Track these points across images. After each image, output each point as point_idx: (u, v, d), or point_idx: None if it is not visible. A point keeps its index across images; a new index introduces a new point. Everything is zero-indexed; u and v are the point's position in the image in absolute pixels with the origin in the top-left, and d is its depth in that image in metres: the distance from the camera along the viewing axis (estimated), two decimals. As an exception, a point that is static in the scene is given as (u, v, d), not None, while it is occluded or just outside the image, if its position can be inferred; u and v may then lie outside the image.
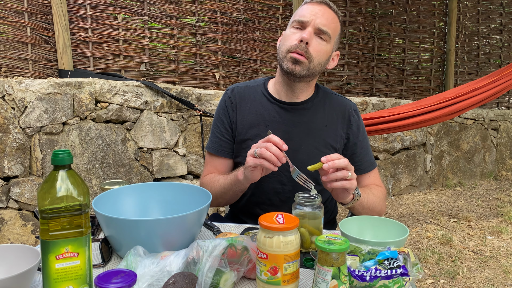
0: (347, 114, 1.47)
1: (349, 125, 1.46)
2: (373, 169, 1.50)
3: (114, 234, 1.00)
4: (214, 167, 1.49)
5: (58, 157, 0.75)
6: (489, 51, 5.35)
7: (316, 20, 1.32)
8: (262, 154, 1.13)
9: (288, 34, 1.37)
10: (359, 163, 1.46)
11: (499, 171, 5.37)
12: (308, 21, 1.32)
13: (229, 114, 1.47)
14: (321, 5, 1.36)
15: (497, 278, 2.66)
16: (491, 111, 5.17)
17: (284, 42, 1.37)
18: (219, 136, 1.48)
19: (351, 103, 1.51)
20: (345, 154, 1.46)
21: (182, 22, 3.39)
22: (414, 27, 4.76)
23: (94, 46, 3.06)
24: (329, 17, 1.35)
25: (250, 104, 1.46)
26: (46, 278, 0.75)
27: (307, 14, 1.33)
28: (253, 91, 1.49)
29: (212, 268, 0.84)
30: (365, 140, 1.50)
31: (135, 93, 2.92)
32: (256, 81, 1.53)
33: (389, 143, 4.31)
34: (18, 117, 2.52)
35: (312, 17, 1.32)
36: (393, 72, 4.70)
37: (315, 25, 1.32)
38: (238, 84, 1.52)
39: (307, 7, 1.35)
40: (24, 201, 2.56)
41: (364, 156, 1.48)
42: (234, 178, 1.30)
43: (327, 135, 1.44)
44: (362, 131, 1.49)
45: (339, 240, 0.87)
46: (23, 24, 2.75)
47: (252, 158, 1.16)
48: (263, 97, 1.46)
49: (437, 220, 3.73)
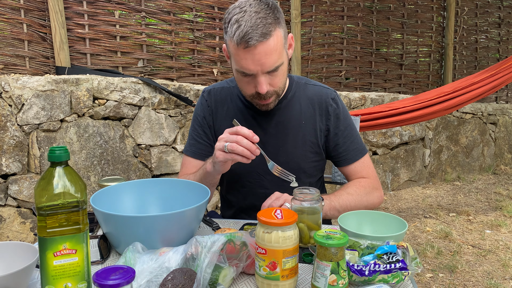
0: (325, 104, 1.40)
1: (327, 116, 1.40)
2: (361, 157, 1.43)
3: (113, 230, 0.99)
4: (188, 169, 1.45)
5: (55, 153, 0.74)
6: (487, 45, 5.35)
7: (263, 67, 1.18)
8: (233, 150, 1.09)
9: (239, 79, 1.25)
10: (344, 153, 1.41)
11: (498, 165, 5.38)
12: (255, 74, 1.19)
13: (205, 117, 1.44)
14: (259, 45, 1.14)
15: (496, 272, 2.66)
16: (489, 105, 5.17)
17: (241, 88, 1.29)
18: (197, 138, 1.45)
19: (328, 92, 1.43)
20: (327, 146, 1.42)
21: (180, 18, 3.38)
22: (412, 21, 4.75)
23: (91, 43, 3.05)
24: (272, 49, 1.16)
25: (226, 108, 1.42)
26: (44, 275, 0.75)
27: (250, 67, 1.17)
28: (230, 92, 1.44)
29: (211, 264, 0.84)
30: (348, 128, 1.42)
31: (133, 89, 2.91)
32: (233, 79, 1.46)
33: (387, 138, 4.31)
34: (16, 115, 2.51)
35: (257, 68, 1.18)
36: (391, 67, 4.69)
37: (263, 71, 1.19)
38: (215, 85, 1.48)
39: (245, 56, 1.16)
40: (22, 199, 2.56)
41: (349, 144, 1.41)
42: (203, 172, 1.28)
43: (305, 131, 1.39)
44: (343, 119, 1.41)
45: (338, 235, 0.87)
46: (19, 21, 2.73)
47: (222, 153, 1.13)
48: (238, 101, 1.42)
49: (436, 215, 3.74)
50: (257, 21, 1.13)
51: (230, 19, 1.17)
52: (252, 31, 1.12)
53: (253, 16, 1.13)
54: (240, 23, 1.13)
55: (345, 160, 1.42)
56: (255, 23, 1.13)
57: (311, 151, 1.41)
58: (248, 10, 1.14)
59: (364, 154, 1.44)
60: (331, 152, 1.44)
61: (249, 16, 1.13)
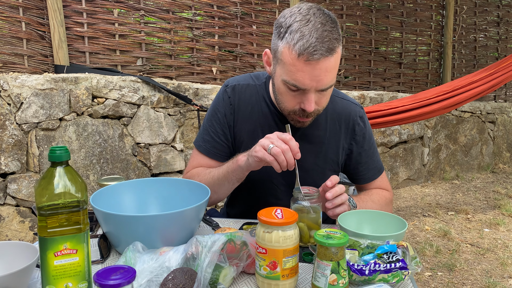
0: (352, 123, 1.34)
1: (353, 135, 1.35)
2: (379, 176, 1.40)
3: (113, 230, 0.99)
4: (199, 164, 1.37)
5: (55, 153, 0.74)
6: (486, 44, 5.35)
7: (318, 84, 1.10)
8: (276, 155, 1.05)
9: (284, 92, 1.15)
10: (364, 172, 1.38)
11: (496, 163, 5.39)
12: (308, 89, 1.11)
13: (226, 116, 1.34)
14: (322, 60, 1.06)
15: (495, 270, 2.67)
16: (488, 104, 5.18)
17: (283, 101, 1.18)
18: (214, 136, 1.35)
19: (356, 109, 1.36)
20: (348, 164, 1.39)
21: (179, 16, 3.37)
22: (411, 20, 4.75)
23: (90, 41, 3.04)
24: (333, 67, 1.09)
25: (250, 109, 1.33)
26: (45, 275, 0.75)
27: (306, 81, 1.08)
28: (255, 92, 1.34)
29: (211, 263, 0.84)
30: (371, 148, 1.39)
31: (132, 88, 2.91)
32: (259, 76, 1.38)
33: (386, 137, 4.31)
34: (14, 113, 2.50)
35: (313, 84, 1.09)
36: (390, 66, 4.70)
37: (317, 88, 1.11)
38: (239, 80, 1.37)
39: (304, 69, 1.07)
40: (21, 198, 2.55)
41: (370, 163, 1.39)
42: (233, 165, 1.20)
43: (328, 149, 1.34)
44: (368, 139, 1.37)
45: (338, 234, 0.87)
46: (18, 19, 2.72)
47: (264, 151, 1.07)
48: (263, 103, 1.33)
49: (435, 213, 3.75)
50: (323, 33, 1.05)
51: (289, 25, 1.07)
52: (318, 44, 1.04)
53: (319, 27, 1.05)
54: (304, 32, 1.04)
55: (364, 179, 1.40)
56: (321, 35, 1.04)
57: (330, 169, 1.37)
58: (312, 20, 1.06)
59: (382, 172, 1.42)
60: (351, 170, 1.41)
61: (315, 27, 1.05)
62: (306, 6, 1.10)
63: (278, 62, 1.14)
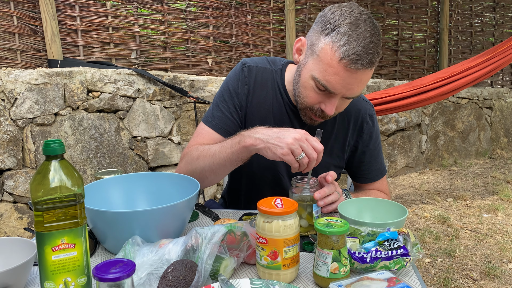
0: (360, 120, 1.33)
1: (360, 133, 1.34)
2: (381, 178, 1.39)
3: (101, 226, 0.97)
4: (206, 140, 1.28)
5: (50, 147, 0.73)
6: (482, 29, 5.33)
7: (347, 92, 1.09)
8: (303, 164, 1.02)
9: (309, 87, 1.12)
10: (366, 172, 1.38)
11: (494, 149, 5.40)
12: (336, 94, 1.10)
13: (239, 94, 1.29)
14: (361, 71, 1.05)
15: (494, 255, 2.69)
16: (485, 90, 5.17)
17: (304, 95, 1.15)
18: (225, 112, 1.29)
19: (367, 106, 1.34)
20: (351, 161, 1.38)
21: (172, 7, 3.33)
22: (407, 7, 4.72)
23: (83, 35, 3.01)
24: (367, 80, 1.09)
25: (265, 93, 1.29)
26: (43, 270, 0.74)
27: (337, 86, 1.07)
28: (271, 77, 1.31)
29: (212, 255, 0.83)
30: (376, 148, 1.37)
31: (127, 81, 2.88)
32: (275, 61, 1.34)
33: (384, 125, 4.31)
34: (9, 109, 2.48)
35: (343, 91, 1.08)
36: (386, 53, 4.67)
37: (345, 96, 1.10)
38: (257, 62, 1.32)
39: (341, 74, 1.05)
40: (18, 194, 2.54)
41: (373, 164, 1.38)
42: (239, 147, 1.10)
43: (335, 143, 1.33)
44: (374, 139, 1.36)
45: (338, 222, 0.86)
46: (9, 13, 2.68)
47: (293, 158, 1.01)
48: (278, 91, 1.30)
49: (434, 200, 3.76)
50: (370, 44, 1.03)
51: (338, 25, 1.04)
52: (363, 54, 1.02)
53: (367, 37, 1.03)
54: (352, 38, 1.02)
55: (365, 179, 1.39)
56: (368, 46, 1.03)
57: (335, 164, 1.36)
58: (362, 27, 1.03)
59: (383, 175, 1.41)
60: (353, 167, 1.41)
61: (363, 35, 1.03)
62: (358, 10, 1.07)
63: (313, 55, 1.10)
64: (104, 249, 1.04)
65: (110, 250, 1.02)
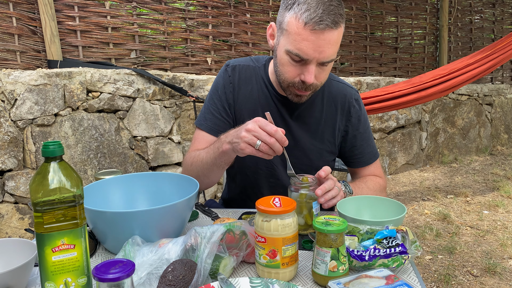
0: (347, 105, 1.37)
1: (348, 117, 1.37)
2: (374, 161, 1.42)
3: (102, 227, 0.98)
4: (202, 143, 1.35)
5: (48, 148, 0.73)
6: (482, 26, 5.32)
7: (320, 56, 1.12)
8: (264, 151, 1.03)
9: (286, 63, 1.17)
10: (359, 155, 1.40)
11: (494, 146, 5.40)
12: (310, 59, 1.13)
13: (226, 93, 1.35)
14: (327, 31, 1.09)
15: (494, 251, 2.69)
16: (485, 86, 5.17)
17: (283, 72, 1.19)
18: (214, 113, 1.35)
19: (352, 92, 1.39)
20: (343, 147, 1.41)
21: (171, 6, 3.33)
22: (406, 3, 4.71)
23: (83, 35, 3.01)
24: (335, 41, 1.13)
25: (250, 89, 1.36)
26: (43, 271, 0.74)
27: (309, 51, 1.11)
28: (255, 73, 1.37)
29: (211, 254, 0.83)
30: (366, 131, 1.41)
31: (127, 81, 2.89)
32: (259, 59, 1.41)
33: (384, 122, 4.31)
34: (9, 110, 2.49)
35: (315, 55, 1.11)
36: (386, 51, 4.67)
37: (319, 60, 1.13)
38: (240, 61, 1.40)
39: (309, 38, 1.09)
40: (19, 195, 2.55)
41: (366, 148, 1.40)
42: (219, 152, 1.16)
43: (324, 129, 1.36)
44: (363, 122, 1.40)
45: (337, 221, 0.86)
46: (8, 14, 2.69)
47: (251, 148, 1.04)
48: (262, 84, 1.36)
49: (434, 197, 3.76)
50: (330, 7, 1.09)
51: None
52: (325, 15, 1.08)
53: (326, 2, 1.09)
54: (312, 3, 1.09)
55: (358, 163, 1.41)
56: (328, 8, 1.09)
57: (327, 150, 1.39)
58: None
59: (377, 158, 1.44)
60: (346, 153, 1.43)
61: (322, 1, 1.09)
62: None
63: (283, 32, 1.16)
64: (105, 249, 1.04)
65: (110, 250, 1.02)
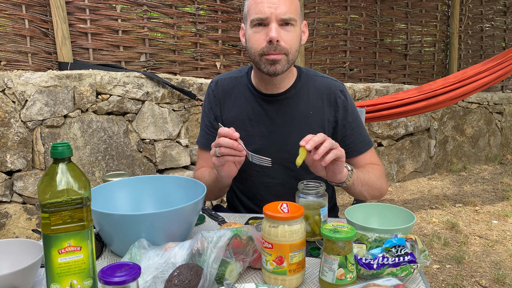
0: (333, 96, 1.40)
1: (335, 107, 1.39)
2: (368, 149, 1.43)
3: (108, 229, 0.98)
4: (204, 161, 1.47)
5: (57, 150, 0.73)
6: (493, 34, 5.28)
7: (276, 12, 1.20)
8: (222, 153, 1.11)
9: (252, 35, 1.26)
10: (351, 144, 1.40)
11: (504, 155, 5.34)
12: (268, 17, 1.21)
13: (212, 108, 1.44)
14: None
15: (504, 262, 2.65)
16: (495, 95, 5.12)
17: (252, 45, 1.27)
18: (206, 130, 1.46)
19: (336, 84, 1.43)
20: (335, 138, 1.40)
21: (181, 11, 3.35)
22: (416, 11, 4.69)
23: (94, 38, 3.03)
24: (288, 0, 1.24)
25: (234, 98, 1.41)
26: (50, 272, 0.74)
27: (264, 9, 1.20)
28: (238, 82, 1.43)
29: (217, 259, 0.83)
30: (356, 120, 1.42)
31: (136, 84, 2.90)
32: (242, 69, 1.48)
33: (392, 129, 4.28)
34: (19, 111, 2.51)
35: (271, 11, 1.20)
36: (395, 57, 4.65)
37: (277, 17, 1.21)
38: (222, 75, 1.48)
39: None
40: (28, 195, 2.56)
41: (357, 136, 1.41)
42: (215, 177, 1.29)
43: (313, 121, 1.38)
44: (351, 111, 1.41)
45: (345, 228, 0.85)
46: (21, 16, 2.72)
47: (215, 158, 1.14)
48: (246, 89, 1.41)
49: (442, 206, 3.72)
50: None
51: None
52: None
53: None
54: None
55: (352, 152, 1.41)
56: None
57: None
58: None
59: (370, 147, 1.44)
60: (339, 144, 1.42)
61: None
62: None
63: (246, 18, 1.29)
64: (111, 251, 1.04)
65: (116, 253, 1.02)
